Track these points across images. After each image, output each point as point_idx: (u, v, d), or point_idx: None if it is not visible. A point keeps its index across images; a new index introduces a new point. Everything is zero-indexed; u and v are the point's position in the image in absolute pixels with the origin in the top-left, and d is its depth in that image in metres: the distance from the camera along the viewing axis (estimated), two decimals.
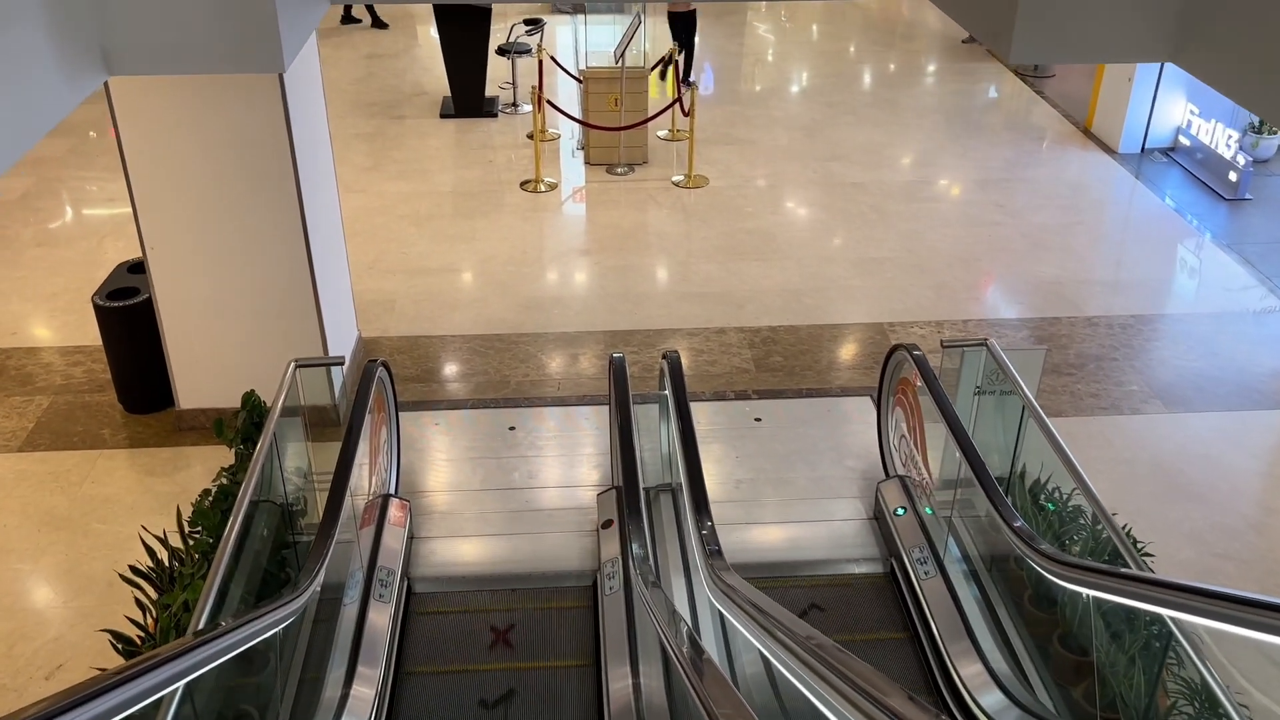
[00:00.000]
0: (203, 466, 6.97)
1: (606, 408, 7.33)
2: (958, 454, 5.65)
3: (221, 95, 6.45)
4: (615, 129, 11.11)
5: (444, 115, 12.89)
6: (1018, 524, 4.93)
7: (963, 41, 15.43)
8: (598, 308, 8.90)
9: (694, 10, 13.40)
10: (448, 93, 13.05)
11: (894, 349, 6.58)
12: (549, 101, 11.30)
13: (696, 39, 13.93)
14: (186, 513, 5.59)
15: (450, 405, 7.66)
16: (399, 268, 9.46)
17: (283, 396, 5.70)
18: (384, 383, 6.48)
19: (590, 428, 7.41)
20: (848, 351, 8.31)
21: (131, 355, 7.42)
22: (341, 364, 6.14)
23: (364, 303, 8.83)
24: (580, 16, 16.47)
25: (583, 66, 11.74)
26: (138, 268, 7.44)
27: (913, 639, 5.72)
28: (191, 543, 5.30)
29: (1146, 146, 11.92)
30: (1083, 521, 5.78)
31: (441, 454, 7.17)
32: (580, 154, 11.79)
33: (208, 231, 6.82)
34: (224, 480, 5.63)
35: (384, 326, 8.60)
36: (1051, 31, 5.19)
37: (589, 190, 11.12)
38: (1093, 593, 4.40)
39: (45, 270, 9.43)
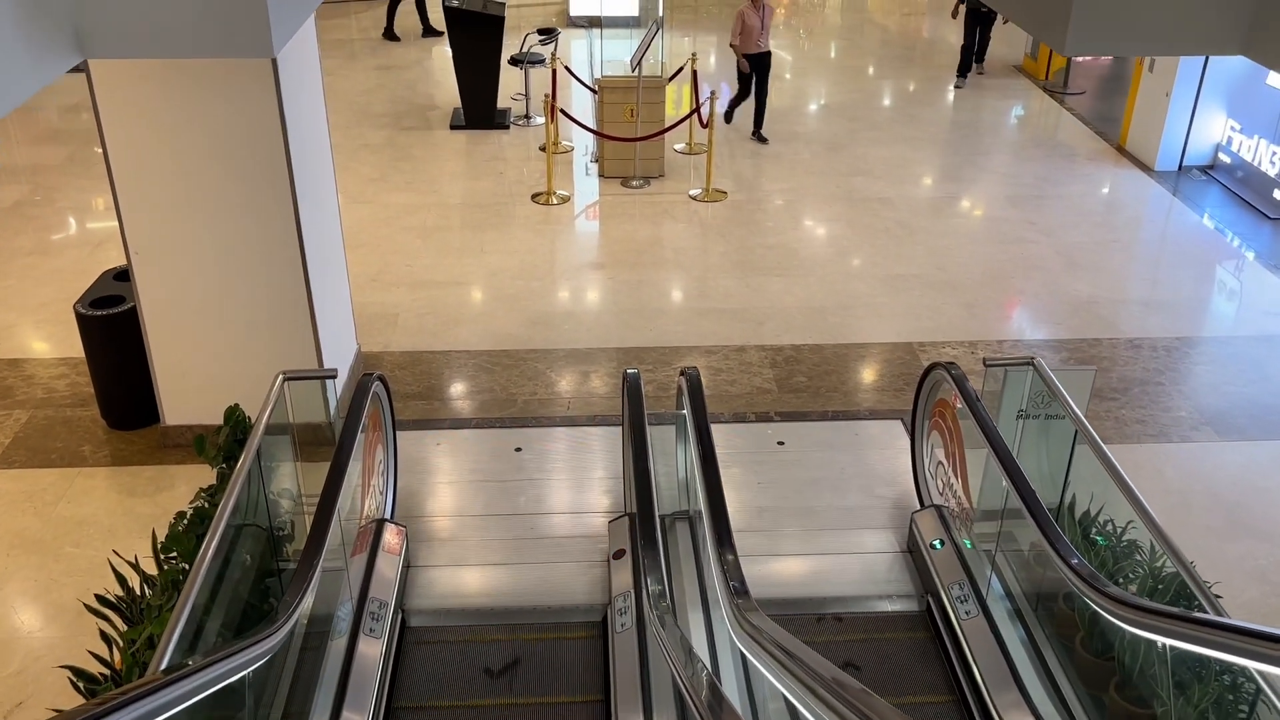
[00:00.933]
0: (187, 487, 6.50)
1: (619, 428, 6.86)
2: (1004, 482, 5.17)
3: (212, 89, 6.04)
4: (631, 140, 10.69)
5: (454, 127, 12.50)
6: (1076, 562, 4.43)
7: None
8: (611, 323, 8.44)
9: (769, 52, 12.00)
10: (459, 104, 12.66)
11: (931, 368, 6.10)
12: (563, 111, 10.88)
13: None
14: (163, 536, 5.13)
15: (453, 424, 7.20)
16: (403, 280, 9.03)
17: (268, 411, 5.25)
18: (380, 398, 6.03)
19: (601, 450, 6.94)
20: (875, 372, 7.83)
21: (115, 367, 6.98)
22: (334, 377, 5.69)
23: (365, 316, 8.40)
24: (595, 30, 16.12)
25: (598, 75, 11.32)
26: (125, 275, 7.01)
27: (952, 686, 5.22)
28: (165, 569, 4.83)
29: (1184, 164, 11.45)
30: (1139, 558, 5.29)
31: (442, 476, 6.70)
32: (594, 167, 11.36)
33: (196, 235, 6.39)
34: (202, 502, 5.17)
35: (386, 341, 8.15)
36: (1110, 21, 4.75)
37: (603, 203, 10.70)
38: (1171, 642, 3.90)
39: (34, 280, 9.02)
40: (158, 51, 4.62)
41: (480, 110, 12.42)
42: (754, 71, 11.89)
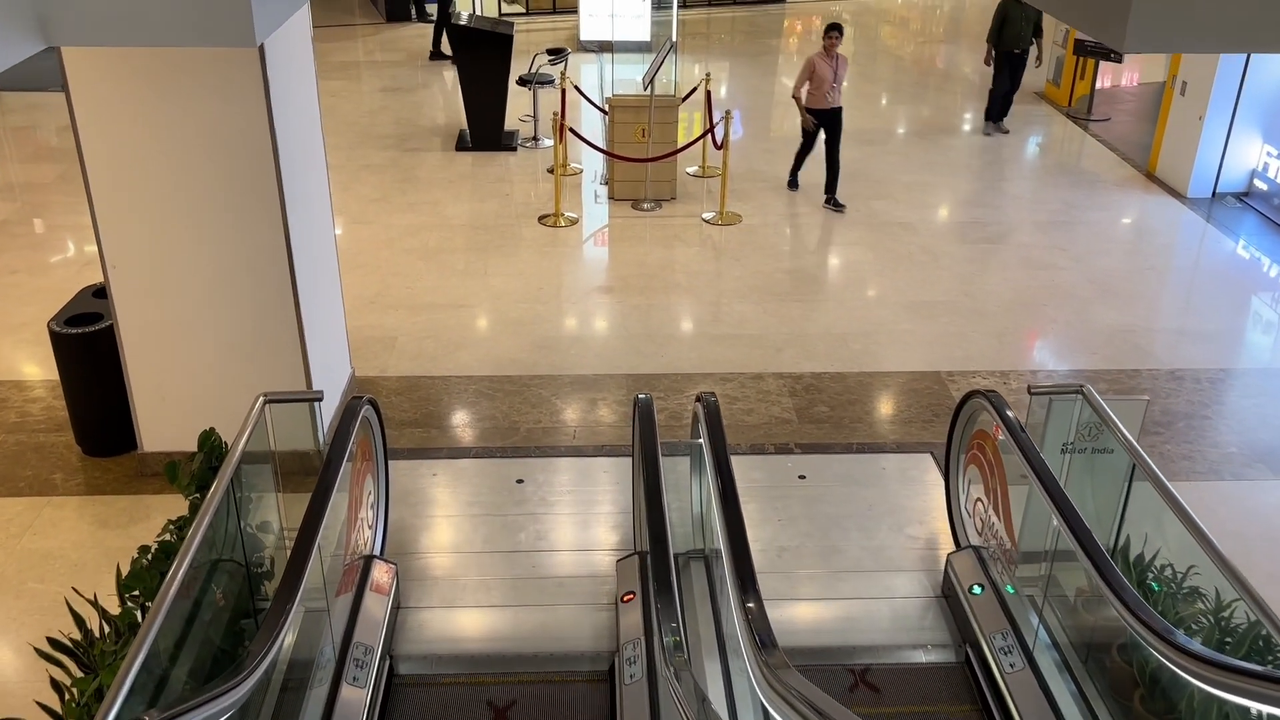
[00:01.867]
0: (164, 518, 5.98)
1: (628, 459, 6.39)
2: (1054, 521, 4.68)
3: (196, 91, 5.63)
4: (642, 160, 10.28)
5: (460, 148, 12.11)
6: (1147, 615, 3.93)
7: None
8: (620, 349, 7.99)
9: (840, 108, 10.51)
10: (465, 126, 12.28)
11: (969, 396, 5.63)
12: (571, 130, 10.49)
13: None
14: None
15: (451, 454, 6.73)
16: (403, 303, 8.59)
17: (246, 436, 4.79)
18: (370, 424, 5.56)
19: (609, 482, 6.46)
20: (902, 402, 7.36)
21: (91, 389, 6.54)
22: (320, 399, 5.23)
23: (361, 339, 7.95)
24: (606, 55, 15.79)
25: (608, 95, 10.93)
26: (105, 292, 6.58)
27: None
28: (121, 611, 4.36)
29: (1218, 190, 11.00)
30: (1202, 606, 4.79)
31: (438, 509, 6.23)
32: (604, 189, 10.95)
33: (178, 248, 5.96)
34: (169, 535, 4.70)
35: (382, 365, 7.70)
36: (1172, 15, 4.30)
37: (613, 225, 10.27)
38: (1263, 708, 3.40)
39: (16, 299, 8.60)
40: (128, 39, 4.19)
41: (487, 132, 12.03)
42: (822, 129, 10.55)
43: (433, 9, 17.78)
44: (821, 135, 10.63)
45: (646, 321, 8.36)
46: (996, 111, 13.14)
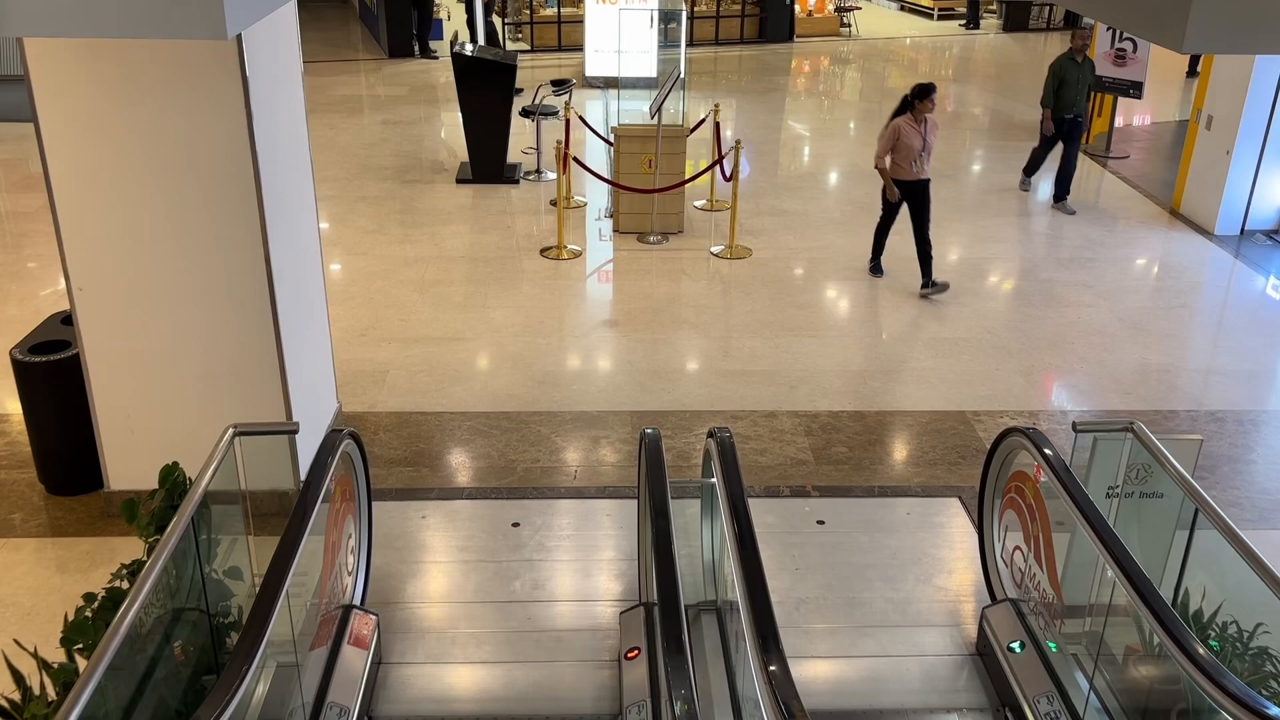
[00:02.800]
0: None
1: (633, 502, 5.91)
2: (1109, 571, 4.20)
3: (169, 100, 5.22)
4: (649, 191, 9.89)
5: (460, 181, 11.73)
6: (1228, 681, 3.43)
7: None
8: (625, 384, 7.53)
9: (928, 180, 9.08)
10: (466, 158, 11.91)
11: (1006, 434, 5.16)
12: (575, 159, 10.10)
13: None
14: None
15: (442, 494, 6.25)
16: (395, 336, 8.15)
17: (212, 471, 4.32)
18: (352, 460, 5.09)
19: (612, 526, 5.98)
20: (926, 443, 6.88)
21: (56, 423, 6.08)
22: (295, 432, 4.77)
23: (350, 373, 7.50)
24: (612, 91, 15.49)
25: (614, 124, 10.56)
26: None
27: None
28: (53, 670, 3.87)
29: (1247, 227, 10.58)
30: (1273, 669, 4.30)
31: (426, 554, 5.75)
32: (608, 222, 10.55)
33: (149, 270, 5.53)
34: (120, 580, 4.23)
35: (371, 400, 7.24)
36: (1235, 15, 3.90)
37: (618, 258, 9.85)
38: None
39: None
40: (86, 30, 3.79)
41: (489, 164, 11.66)
42: (907, 203, 9.13)
43: (438, 45, 17.57)
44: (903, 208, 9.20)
45: (653, 356, 7.92)
46: (1059, 190, 11.38)
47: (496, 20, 19.60)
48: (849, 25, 21.21)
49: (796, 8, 20.46)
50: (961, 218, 11.08)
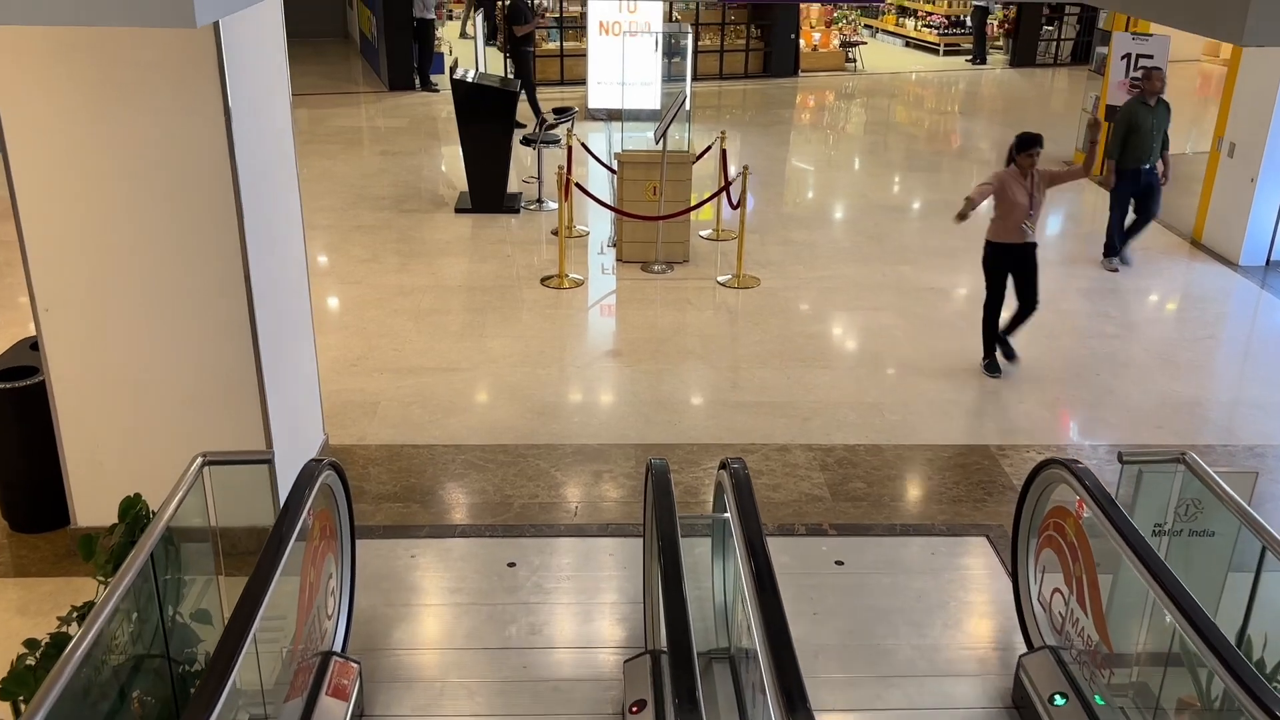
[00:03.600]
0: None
1: (638, 541, 5.51)
2: (1165, 616, 3.79)
3: (143, 111, 4.89)
4: (653, 218, 9.54)
5: (459, 210, 11.40)
6: None
7: None
8: (628, 416, 7.14)
9: (1033, 244, 7.78)
10: (465, 188, 11.59)
11: (1043, 466, 4.76)
12: (578, 185, 9.76)
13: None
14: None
15: (433, 532, 5.84)
16: (388, 366, 7.77)
17: (175, 503, 3.94)
18: (334, 494, 4.70)
19: (615, 567, 5.57)
20: (949, 478, 6.48)
21: (20, 454, 5.68)
22: (269, 460, 4.39)
23: (339, 404, 7.12)
24: (615, 124, 15.19)
25: (617, 150, 10.23)
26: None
27: None
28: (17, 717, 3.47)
29: (1272, 258, 10.22)
30: None
31: (414, 597, 5.33)
32: (611, 251, 10.20)
33: (119, 290, 5.18)
34: (73, 623, 3.82)
35: (361, 433, 6.85)
36: None
37: (621, 288, 9.49)
38: None
39: None
40: (39, 17, 3.44)
41: (489, 193, 11.32)
42: (1012, 273, 7.82)
43: (439, 79, 17.31)
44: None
45: (657, 387, 7.53)
46: (1116, 243, 10.11)
47: (498, 53, 19.40)
48: (854, 60, 21.00)
49: (801, 42, 20.26)
50: (974, 250, 10.70)
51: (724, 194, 9.98)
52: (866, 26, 23.45)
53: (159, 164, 4.96)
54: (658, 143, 9.65)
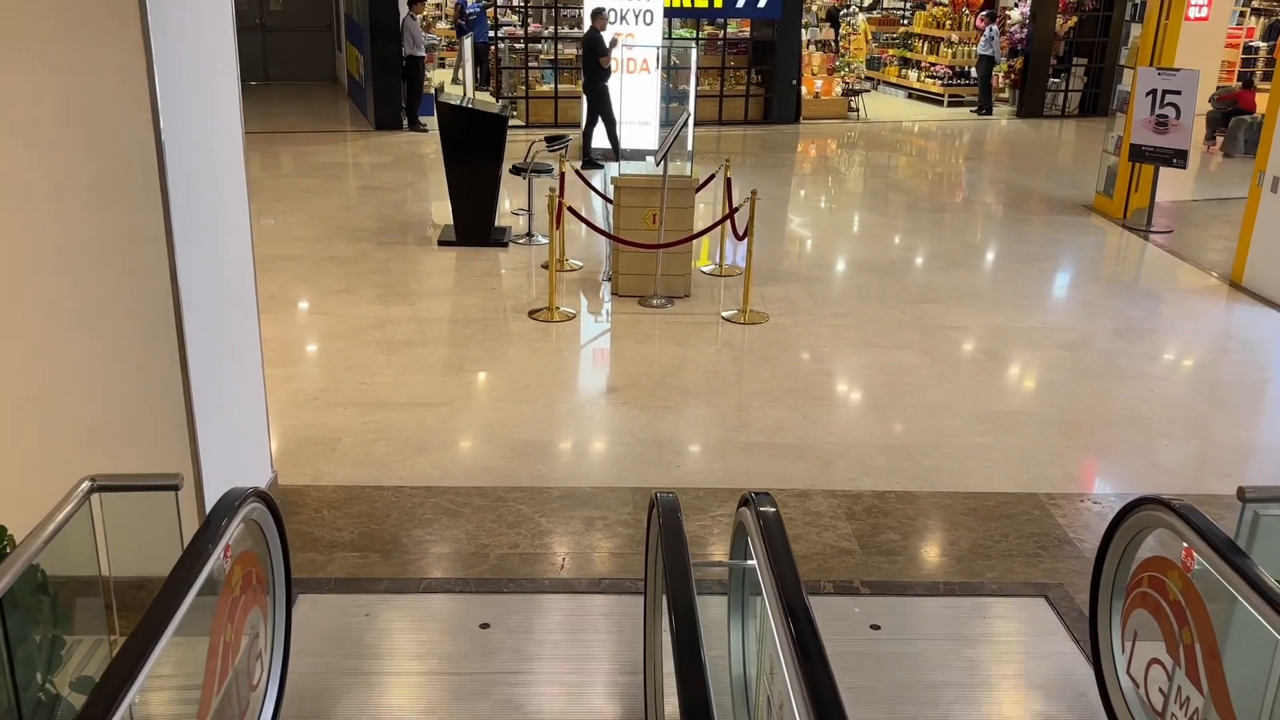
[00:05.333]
0: None
1: (636, 599, 4.62)
2: None
3: (41, 60, 4.07)
4: (652, 247, 8.74)
5: (443, 243, 10.60)
6: None
7: None
8: (624, 457, 6.27)
9: None
10: (450, 220, 10.80)
11: (1133, 506, 3.89)
12: (570, 209, 8.98)
13: None
14: None
15: (393, 587, 4.94)
16: (354, 399, 6.90)
17: (45, 538, 3.07)
18: (263, 534, 3.80)
19: (609, 629, 4.66)
20: (996, 530, 5.60)
21: None
22: (175, 488, 3.50)
23: (294, 440, 6.25)
24: (611, 164, 14.49)
25: (614, 175, 9.46)
26: None
27: None
28: None
29: None
30: None
31: (368, 663, 4.41)
32: (607, 285, 9.39)
33: (11, 285, 4.32)
34: None
35: (317, 472, 5.97)
36: None
37: (617, 321, 8.67)
38: None
39: None
40: None
41: (475, 225, 10.53)
42: None
43: (428, 120, 16.63)
44: None
45: (656, 426, 6.67)
46: None
47: (489, 96, 18.80)
48: (856, 110, 20.43)
49: (803, 90, 19.70)
50: (995, 288, 9.95)
51: (730, 224, 9.19)
52: (868, 78, 22.93)
53: (57, 123, 4.13)
54: (658, 165, 8.88)
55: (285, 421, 6.49)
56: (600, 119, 14.20)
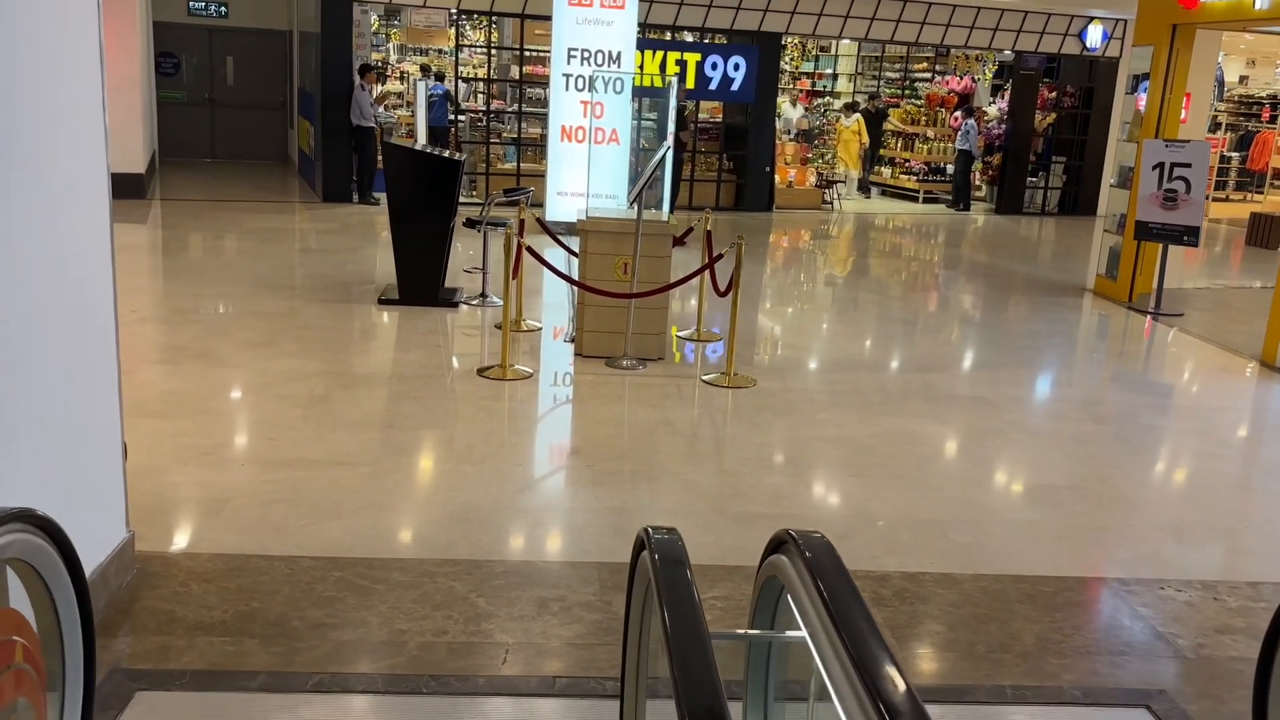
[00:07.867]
0: None
1: (605, 703, 3.33)
2: None
3: None
4: (623, 296, 7.58)
5: (384, 302, 9.38)
6: None
7: None
8: (589, 526, 5.00)
9: None
10: (394, 280, 9.59)
11: None
12: (529, 250, 7.82)
13: None
14: None
15: (271, 684, 3.59)
16: (255, 456, 5.60)
17: None
18: (43, 583, 2.50)
19: None
20: (1066, 622, 4.36)
21: None
22: None
23: (170, 499, 4.94)
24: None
25: (580, 219, 8.32)
26: None
27: None
28: None
29: None
30: None
31: None
32: (569, 346, 8.20)
33: None
34: None
35: (196, 535, 4.64)
36: None
37: (581, 382, 7.46)
38: None
39: None
40: None
41: (421, 283, 9.31)
42: None
43: (379, 196, 15.56)
44: None
45: (627, 493, 5.41)
46: None
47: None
48: (830, 202, 19.66)
49: (776, 178, 18.91)
50: (1010, 361, 8.85)
51: (710, 276, 8.07)
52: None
53: None
54: (631, 205, 7.79)
55: (162, 478, 5.17)
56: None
